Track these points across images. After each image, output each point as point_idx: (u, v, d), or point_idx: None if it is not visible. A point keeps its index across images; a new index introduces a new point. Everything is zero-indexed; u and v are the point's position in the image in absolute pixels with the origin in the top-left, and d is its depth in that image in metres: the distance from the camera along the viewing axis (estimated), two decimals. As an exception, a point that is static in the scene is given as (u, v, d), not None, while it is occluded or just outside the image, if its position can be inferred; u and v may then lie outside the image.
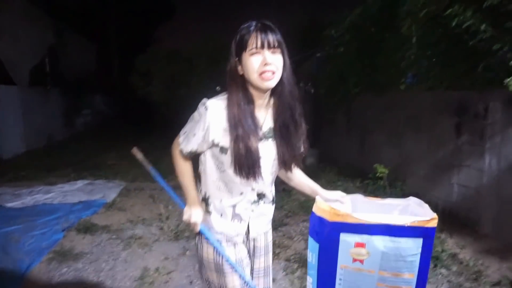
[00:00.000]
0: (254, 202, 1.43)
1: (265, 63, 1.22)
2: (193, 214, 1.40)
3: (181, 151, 1.41)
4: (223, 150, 1.32)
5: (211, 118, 1.30)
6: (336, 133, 6.57)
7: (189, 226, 1.43)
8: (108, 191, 5.37)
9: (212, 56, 7.57)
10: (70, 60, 11.32)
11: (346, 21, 4.82)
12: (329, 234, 1.33)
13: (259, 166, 1.33)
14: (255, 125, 1.31)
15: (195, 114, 1.34)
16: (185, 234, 3.80)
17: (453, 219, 3.81)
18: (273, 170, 1.42)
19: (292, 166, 1.44)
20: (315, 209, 1.38)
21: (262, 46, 1.23)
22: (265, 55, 1.23)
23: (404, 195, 4.70)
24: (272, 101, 1.37)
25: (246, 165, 1.30)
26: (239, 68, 1.29)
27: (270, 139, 1.37)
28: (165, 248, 3.53)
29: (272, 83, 1.26)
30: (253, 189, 1.40)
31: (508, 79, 2.26)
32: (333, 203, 1.42)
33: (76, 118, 11.65)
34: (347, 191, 5.06)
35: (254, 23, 1.26)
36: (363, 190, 4.93)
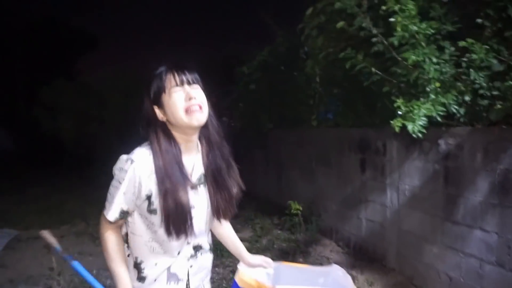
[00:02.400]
0: (192, 256, 1.31)
1: (190, 97, 1.17)
2: None
3: (108, 219, 1.22)
4: (152, 210, 1.20)
5: (141, 171, 1.17)
6: (255, 168, 6.53)
7: None
8: (-10, 243, 4.56)
9: (126, 91, 7.21)
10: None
11: (256, 59, 4.93)
12: None
13: (191, 222, 1.22)
14: (184, 175, 1.20)
15: (118, 175, 1.20)
16: (78, 293, 3.29)
17: (363, 254, 3.86)
18: (207, 218, 1.32)
19: (227, 214, 1.34)
20: (237, 279, 1.32)
21: (182, 83, 1.18)
22: (187, 90, 1.17)
23: (320, 231, 4.74)
24: (199, 144, 1.29)
25: (178, 222, 1.19)
26: (159, 113, 1.21)
27: (202, 186, 1.28)
28: (48, 314, 3.00)
29: (202, 117, 1.19)
30: (188, 243, 1.29)
31: (393, 122, 2.37)
32: (256, 269, 1.39)
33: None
34: (265, 228, 4.83)
35: (166, 64, 1.22)
36: (280, 227, 4.87)
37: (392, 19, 2.35)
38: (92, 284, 1.28)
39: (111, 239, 1.25)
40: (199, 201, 1.27)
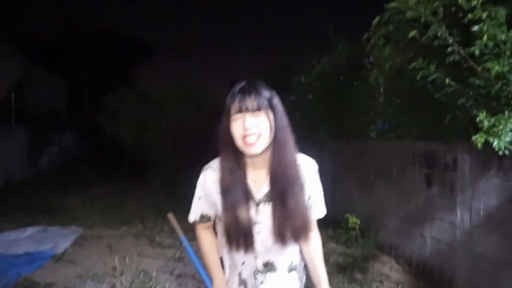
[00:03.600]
0: (259, 272, 1.32)
1: (245, 128, 1.18)
2: None
3: (194, 222, 1.39)
4: (219, 216, 1.31)
5: (209, 179, 1.30)
6: (308, 178, 6.43)
7: None
8: (60, 239, 4.90)
9: (182, 99, 7.49)
10: (38, 96, 11.00)
11: (315, 68, 4.87)
12: None
13: (250, 239, 1.25)
14: (246, 194, 1.24)
15: (198, 184, 1.36)
16: (139, 293, 3.42)
17: (427, 275, 3.62)
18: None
19: (294, 238, 1.28)
20: None
21: (241, 111, 1.18)
22: (245, 119, 1.18)
23: (378, 246, 4.54)
24: (270, 161, 1.28)
25: (236, 236, 1.25)
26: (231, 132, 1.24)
27: (267, 203, 1.28)
28: (113, 311, 3.14)
29: (256, 148, 1.20)
30: (255, 257, 1.31)
31: (475, 137, 2.19)
32: None
33: (41, 156, 11.08)
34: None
35: (239, 86, 1.23)
36: (335, 240, 4.73)
37: (475, 28, 2.19)
38: (199, 270, 1.42)
39: (202, 238, 1.40)
40: (264, 217, 1.28)
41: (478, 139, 2.17)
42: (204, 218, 1.36)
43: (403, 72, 3.23)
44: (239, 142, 1.20)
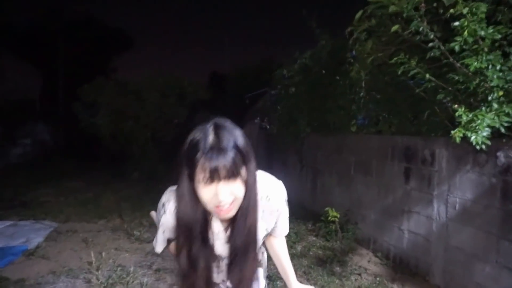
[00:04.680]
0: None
1: (218, 199, 1.03)
2: None
3: (156, 251, 1.34)
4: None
5: (171, 220, 1.19)
6: (289, 172, 6.45)
7: None
8: (33, 234, 4.72)
9: (162, 90, 7.35)
10: (10, 84, 10.51)
11: (297, 62, 4.84)
12: None
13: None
14: (208, 255, 1.18)
15: (158, 213, 1.26)
16: (115, 288, 3.33)
17: (404, 267, 3.70)
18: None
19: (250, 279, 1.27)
20: None
21: (213, 180, 1.00)
22: (218, 190, 1.01)
23: (356, 240, 4.60)
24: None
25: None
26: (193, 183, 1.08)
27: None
28: (88, 307, 3.05)
29: (231, 214, 1.10)
30: (224, 281, 1.34)
31: (454, 131, 2.22)
32: None
33: (12, 147, 10.65)
34: (299, 234, 4.73)
35: (207, 143, 0.99)
36: (315, 234, 4.76)
37: (456, 23, 2.21)
38: None
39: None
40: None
41: (457, 134, 2.21)
42: (172, 240, 1.29)
43: (384, 67, 3.25)
44: (209, 207, 1.07)
